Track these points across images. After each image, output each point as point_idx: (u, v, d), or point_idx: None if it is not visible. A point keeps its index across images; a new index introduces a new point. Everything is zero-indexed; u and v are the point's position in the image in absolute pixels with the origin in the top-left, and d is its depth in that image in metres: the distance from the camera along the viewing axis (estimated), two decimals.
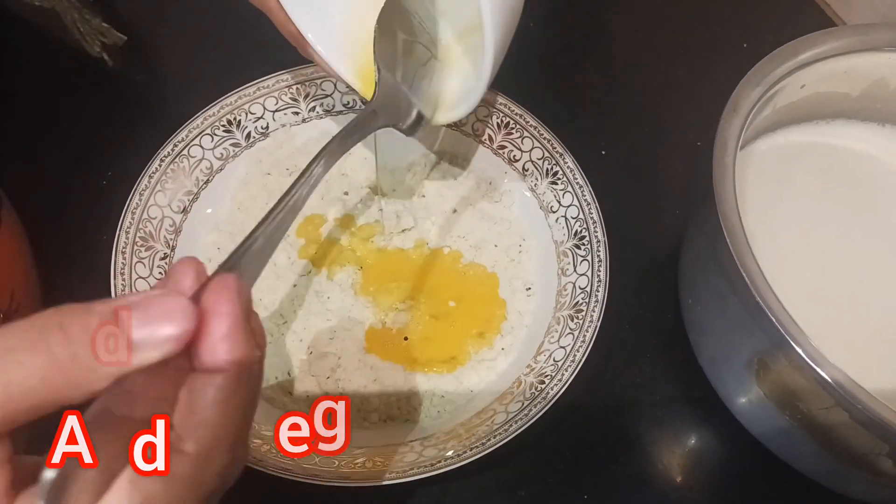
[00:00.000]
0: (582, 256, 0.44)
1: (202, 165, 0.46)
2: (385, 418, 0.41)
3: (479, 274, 0.46)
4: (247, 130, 0.47)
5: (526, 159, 0.48)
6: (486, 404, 0.40)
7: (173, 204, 0.44)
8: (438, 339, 0.43)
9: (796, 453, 0.40)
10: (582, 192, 0.45)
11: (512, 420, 0.38)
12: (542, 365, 0.41)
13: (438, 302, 0.44)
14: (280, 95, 0.48)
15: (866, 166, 0.47)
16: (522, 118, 0.48)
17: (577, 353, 0.40)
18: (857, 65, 0.44)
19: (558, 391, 0.39)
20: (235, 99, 0.47)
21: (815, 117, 0.48)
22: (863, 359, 0.40)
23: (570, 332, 0.41)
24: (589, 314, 0.41)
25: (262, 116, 0.48)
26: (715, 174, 0.37)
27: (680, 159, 0.53)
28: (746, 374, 0.39)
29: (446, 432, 0.39)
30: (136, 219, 0.42)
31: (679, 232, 0.47)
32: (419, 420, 0.41)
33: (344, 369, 0.42)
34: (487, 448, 0.37)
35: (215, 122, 0.46)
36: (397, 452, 0.37)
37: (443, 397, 0.41)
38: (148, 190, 0.43)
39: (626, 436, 0.43)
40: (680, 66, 0.58)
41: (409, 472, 0.36)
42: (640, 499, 0.41)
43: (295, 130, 0.49)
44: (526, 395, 0.39)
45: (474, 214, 0.48)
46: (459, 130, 0.49)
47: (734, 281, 0.35)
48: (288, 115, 0.48)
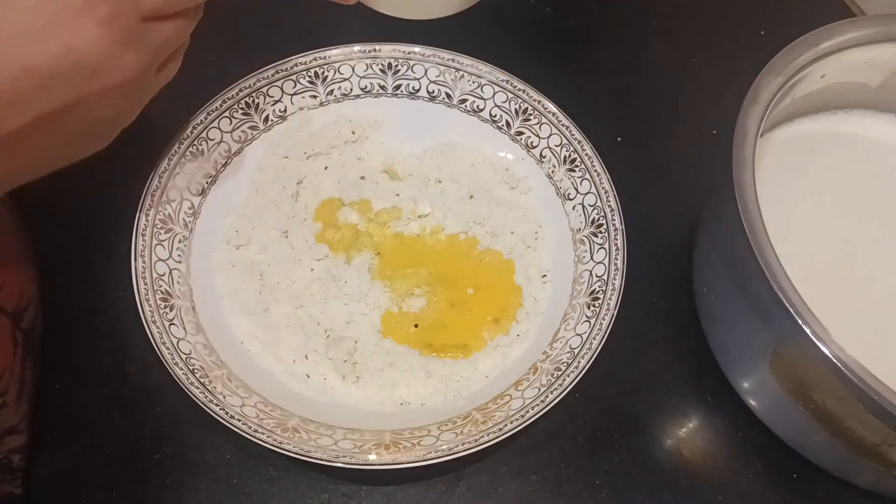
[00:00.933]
0: (599, 244, 0.44)
1: (220, 148, 0.46)
2: (401, 402, 0.41)
3: (495, 260, 0.46)
4: (265, 113, 0.47)
5: (544, 146, 0.48)
6: (502, 390, 0.40)
7: (192, 186, 0.44)
8: (454, 325, 0.43)
9: (807, 443, 0.40)
10: (600, 179, 0.45)
11: (528, 406, 0.38)
12: (559, 352, 0.41)
13: (455, 289, 0.45)
14: (298, 79, 0.48)
15: (884, 157, 0.47)
16: (541, 104, 0.48)
17: (594, 342, 0.40)
18: (877, 55, 0.44)
19: (574, 378, 0.39)
20: (254, 81, 0.47)
21: (832, 107, 0.48)
22: (878, 351, 0.40)
23: (586, 320, 0.41)
24: (606, 302, 0.42)
25: (280, 100, 0.48)
26: (734, 164, 0.37)
27: (696, 148, 0.53)
28: (760, 363, 0.39)
29: (463, 417, 0.39)
30: (155, 201, 0.43)
31: (693, 220, 0.48)
32: (435, 404, 0.41)
33: (360, 353, 0.42)
34: (504, 433, 0.37)
35: (234, 105, 0.46)
36: (414, 436, 0.38)
37: (458, 382, 0.42)
38: (167, 173, 0.43)
39: (637, 423, 0.43)
40: (696, 54, 0.58)
41: (428, 455, 0.37)
42: (651, 485, 0.41)
43: (312, 114, 0.49)
44: (542, 381, 0.40)
45: (491, 201, 0.48)
46: (477, 116, 0.49)
47: (751, 271, 0.35)
48: (306, 99, 0.48)
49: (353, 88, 0.49)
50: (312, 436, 0.38)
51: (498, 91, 0.48)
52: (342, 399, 0.41)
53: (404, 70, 0.49)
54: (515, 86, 0.48)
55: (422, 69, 0.49)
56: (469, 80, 0.48)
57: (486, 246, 0.46)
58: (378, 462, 0.37)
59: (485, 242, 0.46)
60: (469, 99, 0.49)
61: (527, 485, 0.41)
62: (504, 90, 0.48)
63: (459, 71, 0.48)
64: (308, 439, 0.37)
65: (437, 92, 0.49)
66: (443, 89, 0.49)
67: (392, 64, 0.49)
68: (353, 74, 0.49)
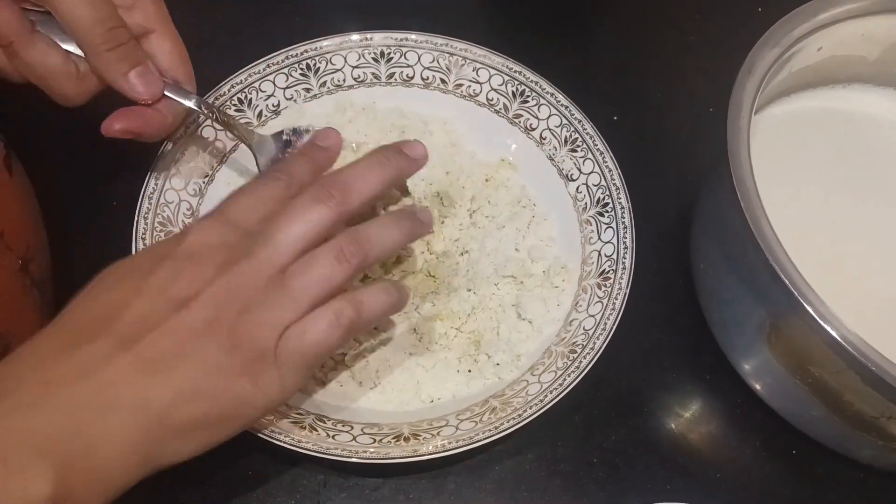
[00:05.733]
0: (606, 224, 0.44)
1: (216, 146, 0.45)
2: (420, 399, 0.41)
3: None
4: (258, 109, 0.47)
5: (543, 127, 0.47)
6: (518, 376, 0.40)
7: (189, 187, 0.44)
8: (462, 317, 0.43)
9: (806, 417, 0.40)
10: (603, 158, 0.45)
11: (546, 390, 0.38)
12: (573, 335, 0.41)
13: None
14: (290, 72, 0.47)
15: (882, 132, 0.47)
16: (538, 85, 0.47)
17: (608, 322, 0.40)
18: (875, 27, 0.43)
19: (591, 360, 0.39)
20: (245, 77, 0.46)
21: (830, 82, 0.47)
22: (874, 326, 0.40)
23: (598, 301, 0.41)
24: (617, 282, 0.41)
25: (272, 94, 0.47)
26: (729, 136, 0.37)
27: (692, 125, 0.52)
28: (757, 338, 0.39)
29: (480, 405, 0.39)
30: (153, 203, 0.42)
31: (690, 198, 0.47)
32: (452, 394, 0.41)
33: (374, 355, 0.42)
34: (524, 419, 0.37)
35: (226, 102, 0.46)
36: (433, 427, 0.38)
37: (469, 371, 0.41)
38: (163, 174, 0.43)
39: (634, 400, 0.43)
40: (693, 32, 0.57)
41: (450, 445, 0.36)
42: (648, 462, 0.41)
43: (306, 107, 0.48)
44: (558, 365, 0.39)
45: (496, 186, 0.47)
46: (474, 101, 0.48)
47: (747, 244, 0.35)
48: (299, 92, 0.48)
49: (346, 79, 0.48)
50: (330, 433, 0.37)
51: (494, 74, 0.48)
52: (358, 403, 0.40)
53: (397, 58, 0.48)
54: (511, 68, 0.48)
55: (415, 56, 0.48)
56: (464, 64, 0.48)
57: (492, 233, 0.45)
58: (400, 456, 0.36)
59: (490, 230, 0.46)
60: (465, 83, 0.48)
61: (523, 464, 0.40)
62: (500, 73, 0.48)
63: (454, 56, 0.48)
64: (326, 437, 0.36)
65: (432, 78, 0.48)
66: (437, 75, 0.48)
67: (385, 52, 0.48)
68: (346, 64, 0.48)
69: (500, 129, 0.48)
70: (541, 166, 0.47)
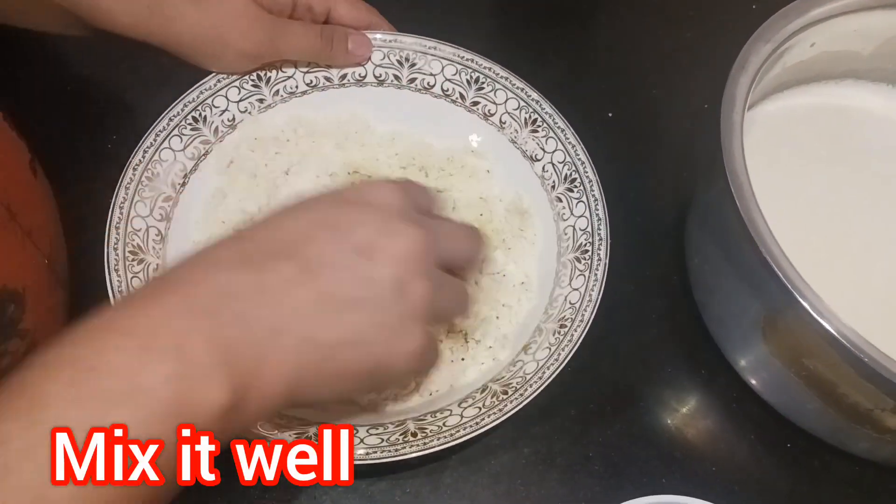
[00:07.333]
0: (576, 199, 0.44)
1: (175, 168, 0.44)
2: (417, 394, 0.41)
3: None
4: (213, 125, 0.46)
5: (502, 111, 0.47)
6: (513, 356, 0.40)
7: (154, 213, 0.43)
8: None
9: (802, 411, 0.40)
10: (565, 135, 0.45)
11: (543, 367, 0.38)
12: (560, 310, 0.41)
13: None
14: (242, 84, 0.46)
15: (876, 128, 0.47)
16: (492, 70, 0.47)
17: (593, 293, 0.40)
18: (868, 23, 0.43)
19: (582, 332, 0.39)
20: (197, 94, 0.45)
21: (824, 77, 0.47)
22: (868, 319, 0.40)
23: (580, 274, 0.41)
24: (595, 253, 0.41)
25: (226, 109, 0.46)
26: (723, 132, 0.37)
27: (687, 122, 0.53)
28: (753, 332, 0.39)
29: (480, 390, 0.39)
30: (121, 234, 0.41)
31: (685, 195, 0.47)
32: (449, 384, 0.41)
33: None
34: (528, 397, 0.37)
35: (181, 122, 0.45)
36: (437, 419, 0.38)
37: (462, 360, 0.41)
38: (127, 202, 0.42)
39: (630, 395, 0.43)
40: (688, 29, 0.57)
41: (457, 434, 0.36)
42: (644, 457, 0.41)
43: (262, 118, 0.47)
44: (550, 340, 0.39)
45: (462, 173, 0.47)
46: (429, 93, 0.48)
47: (742, 239, 0.35)
48: (253, 103, 0.47)
49: (299, 85, 0.48)
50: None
51: (447, 64, 0.47)
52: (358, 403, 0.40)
53: None
54: (463, 56, 0.47)
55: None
56: (414, 57, 0.48)
57: (463, 218, 0.45)
58: (411, 451, 0.35)
59: (462, 214, 0.46)
60: (418, 77, 0.48)
61: (519, 458, 0.41)
62: (452, 62, 0.47)
63: (403, 51, 0.48)
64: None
65: (385, 76, 0.48)
66: (390, 72, 0.48)
67: None
68: (297, 71, 0.47)
69: (460, 119, 0.48)
70: (504, 150, 0.47)
